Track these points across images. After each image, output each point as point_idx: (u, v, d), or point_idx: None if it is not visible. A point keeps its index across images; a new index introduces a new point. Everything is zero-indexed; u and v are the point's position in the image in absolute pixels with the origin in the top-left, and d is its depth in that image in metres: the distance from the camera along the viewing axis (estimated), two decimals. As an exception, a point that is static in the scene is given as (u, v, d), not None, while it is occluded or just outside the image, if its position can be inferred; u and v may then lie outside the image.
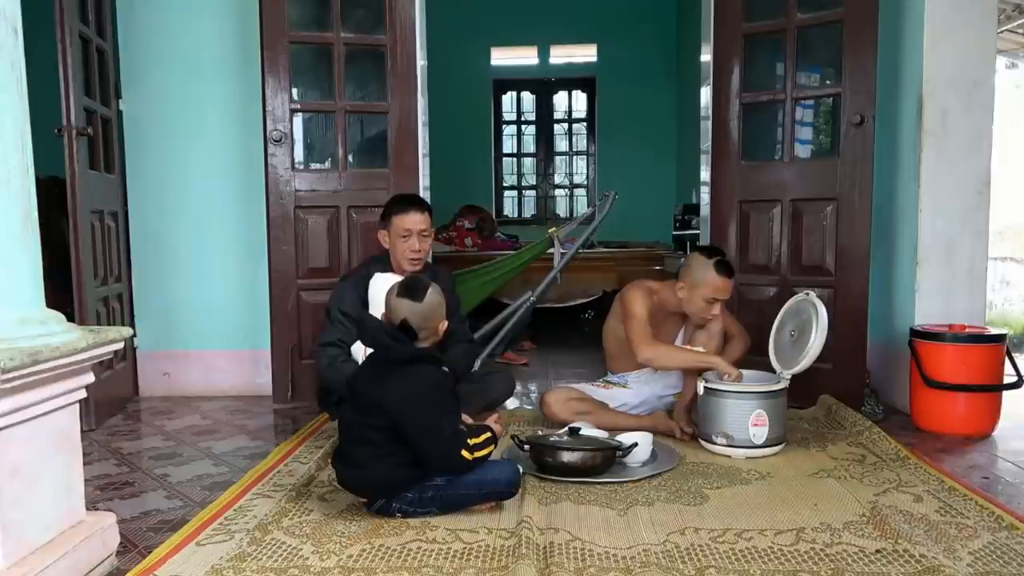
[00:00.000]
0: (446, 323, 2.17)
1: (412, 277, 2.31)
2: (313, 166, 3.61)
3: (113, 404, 3.33)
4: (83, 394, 1.77)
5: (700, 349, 2.77)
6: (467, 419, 2.32)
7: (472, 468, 2.03)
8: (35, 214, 1.66)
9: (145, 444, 2.90)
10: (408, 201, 2.93)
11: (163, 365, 3.67)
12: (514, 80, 7.92)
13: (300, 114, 3.52)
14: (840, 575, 1.71)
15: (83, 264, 3.05)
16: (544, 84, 7.96)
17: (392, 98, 3.42)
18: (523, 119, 8.12)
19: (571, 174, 8.17)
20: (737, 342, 2.87)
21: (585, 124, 7.99)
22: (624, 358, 2.97)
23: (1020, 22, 6.20)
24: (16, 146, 1.59)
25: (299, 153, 3.52)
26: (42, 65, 2.46)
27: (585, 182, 8.08)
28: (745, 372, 2.71)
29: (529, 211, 8.18)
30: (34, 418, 1.60)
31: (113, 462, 2.66)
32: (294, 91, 3.41)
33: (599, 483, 2.29)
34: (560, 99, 8.11)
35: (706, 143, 3.54)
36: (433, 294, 2.13)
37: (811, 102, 3.43)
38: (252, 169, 3.49)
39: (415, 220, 2.85)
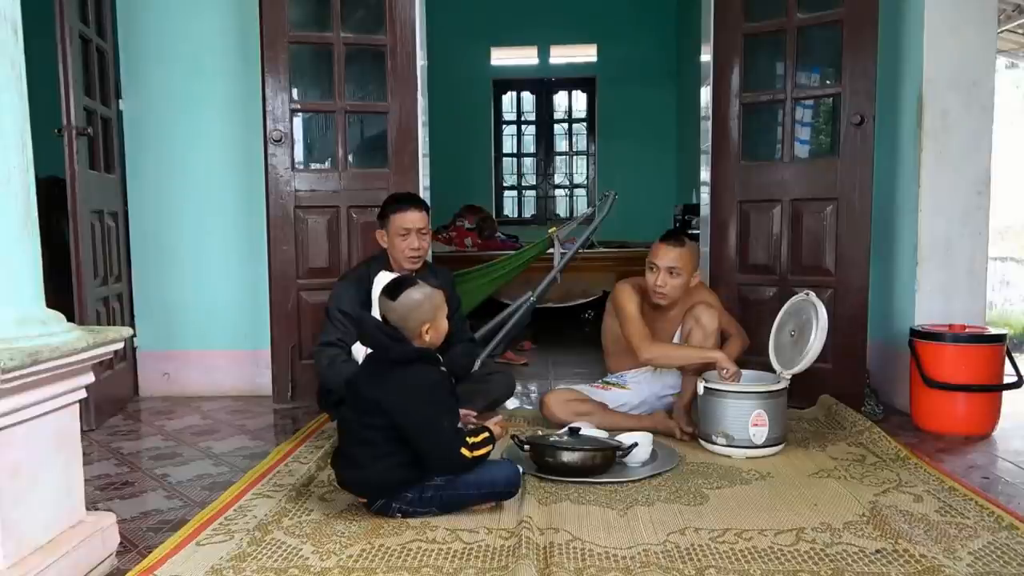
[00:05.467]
0: (444, 323, 2.15)
1: (401, 276, 2.29)
2: (313, 166, 3.61)
3: (113, 404, 3.33)
4: (83, 394, 1.77)
5: (700, 344, 2.77)
6: (471, 415, 2.32)
7: (472, 467, 2.03)
8: (35, 214, 1.66)
9: (145, 444, 2.90)
10: (405, 199, 2.93)
11: (163, 365, 3.67)
12: (514, 80, 7.92)
13: (300, 114, 3.52)
14: (840, 575, 1.71)
15: (83, 264, 3.05)
16: (544, 84, 7.96)
17: (392, 98, 3.42)
18: (523, 119, 8.12)
19: (571, 174, 8.17)
20: (735, 341, 2.88)
21: (585, 124, 7.99)
22: (622, 356, 2.98)
23: (1020, 22, 6.20)
24: (16, 146, 1.59)
25: (299, 153, 3.51)
26: (42, 65, 2.46)
27: (585, 182, 8.08)
28: (745, 372, 2.71)
29: (529, 211, 8.18)
30: (34, 418, 1.60)
31: (113, 462, 2.66)
32: (294, 91, 3.41)
33: (599, 483, 2.29)
34: (560, 99, 8.11)
35: (706, 143, 3.54)
36: (413, 293, 2.07)
37: (811, 102, 3.43)
38: (252, 169, 3.50)
39: (413, 218, 2.85)
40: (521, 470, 2.18)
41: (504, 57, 7.69)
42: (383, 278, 2.76)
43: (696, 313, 2.81)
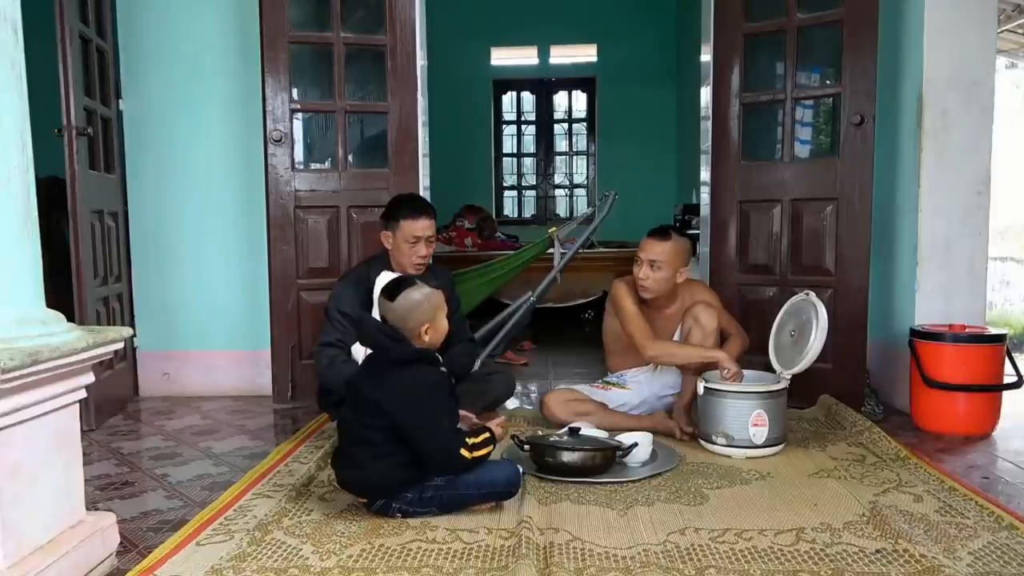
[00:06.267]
0: (444, 323, 2.15)
1: (400, 276, 2.29)
2: (313, 166, 3.61)
3: (113, 404, 3.33)
4: (83, 394, 1.77)
5: (702, 343, 2.77)
6: (471, 417, 2.32)
7: (472, 467, 2.03)
8: (35, 214, 1.66)
9: (145, 444, 2.90)
10: (418, 207, 2.89)
11: (163, 365, 3.67)
12: (514, 80, 7.92)
13: (300, 114, 3.52)
14: (840, 575, 1.71)
15: (83, 264, 3.05)
16: (544, 84, 7.96)
17: (392, 98, 3.42)
18: (523, 119, 8.12)
19: (571, 174, 8.17)
20: (734, 341, 2.87)
21: (585, 124, 8.00)
22: (623, 355, 2.99)
23: (1020, 22, 6.20)
24: (16, 145, 1.59)
25: (299, 153, 3.51)
26: (42, 65, 2.46)
27: (585, 182, 8.08)
28: (745, 372, 2.71)
29: (529, 211, 8.18)
30: (34, 418, 1.60)
31: (113, 462, 2.66)
32: (294, 91, 3.41)
33: (599, 483, 2.29)
34: (560, 99, 8.12)
35: (706, 143, 3.54)
36: (412, 293, 2.08)
37: (811, 102, 3.43)
38: (252, 169, 3.49)
39: (424, 226, 2.84)
40: (521, 470, 2.18)
41: (504, 57, 7.70)
42: (384, 278, 2.75)
43: (695, 312, 2.81)
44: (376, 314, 2.21)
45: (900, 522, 1.96)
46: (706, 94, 3.53)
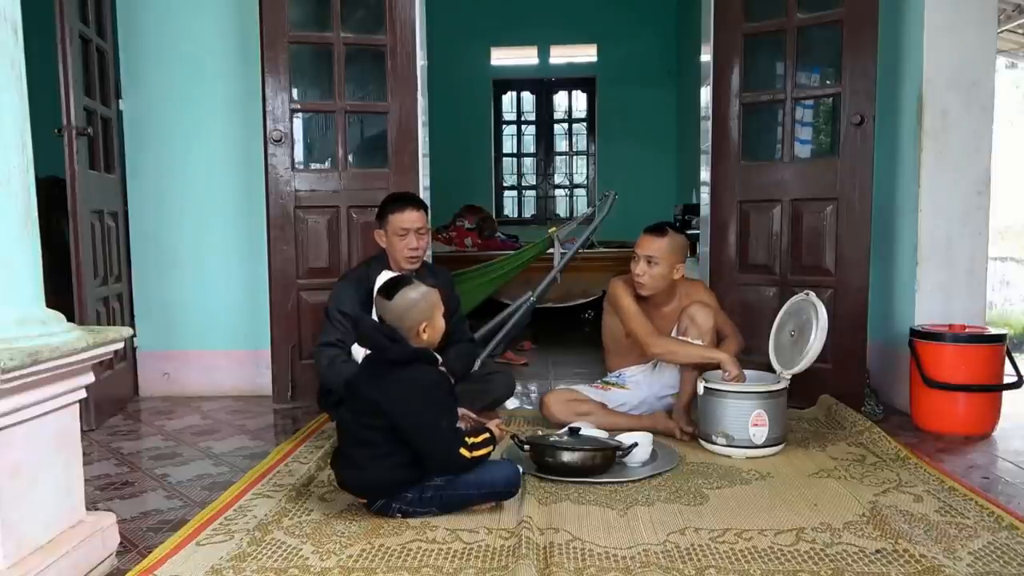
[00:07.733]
0: (441, 322, 2.15)
1: (397, 275, 2.29)
2: (313, 166, 3.61)
3: (113, 404, 3.33)
4: (83, 394, 1.77)
5: (700, 343, 2.78)
6: (471, 415, 2.32)
7: (471, 467, 2.03)
8: (35, 214, 1.66)
9: (145, 444, 2.90)
10: (403, 199, 2.93)
11: (163, 365, 3.67)
12: (514, 80, 7.92)
13: (300, 114, 3.52)
14: (840, 575, 1.71)
15: (83, 264, 3.05)
16: (544, 84, 7.96)
17: (392, 98, 3.43)
18: (523, 119, 8.12)
19: (571, 174, 8.17)
20: (730, 342, 2.87)
21: (585, 124, 7.99)
22: (623, 355, 2.99)
23: (1020, 22, 6.20)
24: (16, 145, 1.59)
25: (299, 153, 3.51)
26: (42, 65, 2.46)
27: (585, 182, 8.08)
28: (745, 372, 2.71)
29: (529, 211, 8.18)
30: (34, 418, 1.60)
31: (113, 462, 2.66)
32: (294, 91, 3.41)
33: (599, 483, 2.29)
34: (560, 99, 8.11)
35: (706, 143, 3.54)
36: (409, 292, 2.08)
37: (811, 102, 3.43)
38: (252, 169, 3.49)
39: (412, 218, 2.85)
40: (521, 470, 2.18)
41: (504, 57, 7.70)
42: (384, 278, 2.75)
43: (691, 312, 2.81)
44: (375, 314, 2.21)
45: (900, 522, 1.96)
46: (706, 94, 3.53)
